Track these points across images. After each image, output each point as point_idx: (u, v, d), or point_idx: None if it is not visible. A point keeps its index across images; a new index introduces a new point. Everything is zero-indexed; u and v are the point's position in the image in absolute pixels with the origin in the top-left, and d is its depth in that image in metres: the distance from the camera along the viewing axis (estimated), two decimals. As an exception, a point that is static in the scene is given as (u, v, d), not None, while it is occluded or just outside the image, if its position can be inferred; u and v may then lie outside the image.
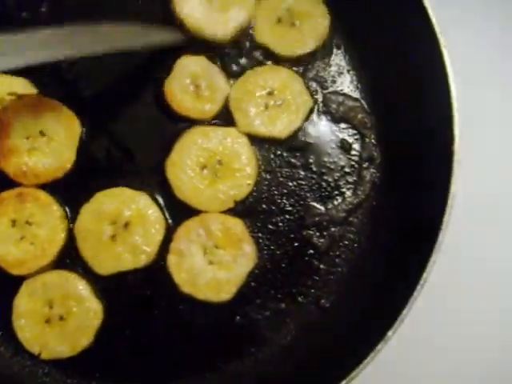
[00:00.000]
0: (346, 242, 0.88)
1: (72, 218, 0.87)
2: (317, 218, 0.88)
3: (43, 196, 0.86)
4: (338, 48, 0.92)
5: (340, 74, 0.91)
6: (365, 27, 0.90)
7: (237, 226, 0.86)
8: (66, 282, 0.86)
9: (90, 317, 0.85)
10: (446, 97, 0.77)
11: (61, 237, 0.86)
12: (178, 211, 0.87)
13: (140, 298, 0.86)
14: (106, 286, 0.86)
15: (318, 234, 0.88)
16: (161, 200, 0.88)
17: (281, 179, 0.89)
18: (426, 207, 0.80)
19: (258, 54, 0.91)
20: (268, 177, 0.89)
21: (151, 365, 0.86)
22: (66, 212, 0.87)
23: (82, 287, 0.86)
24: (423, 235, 0.77)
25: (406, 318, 0.73)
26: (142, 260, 0.85)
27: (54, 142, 0.87)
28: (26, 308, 0.85)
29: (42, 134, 0.87)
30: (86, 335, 0.85)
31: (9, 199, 0.86)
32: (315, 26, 0.91)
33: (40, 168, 0.86)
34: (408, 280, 0.75)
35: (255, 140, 0.89)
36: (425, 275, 0.73)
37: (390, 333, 0.72)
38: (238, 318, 0.87)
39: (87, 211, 0.86)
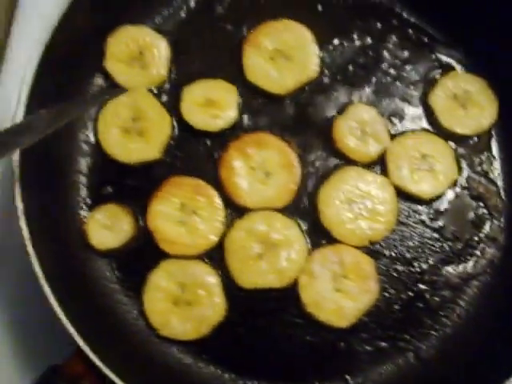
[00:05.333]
0: (456, 308, 0.97)
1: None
2: (434, 277, 0.97)
3: (216, 198, 0.94)
4: (492, 136, 1.02)
5: (488, 158, 1.01)
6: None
7: (368, 263, 0.94)
8: (202, 274, 0.93)
9: (214, 311, 0.92)
10: None
11: (214, 240, 0.93)
12: (317, 237, 0.96)
13: (264, 307, 0.94)
14: (237, 289, 0.93)
15: (432, 291, 0.97)
16: (304, 225, 0.96)
17: (413, 234, 0.98)
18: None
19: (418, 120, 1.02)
20: (402, 228, 0.98)
21: (256, 366, 0.95)
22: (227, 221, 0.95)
23: (215, 282, 0.93)
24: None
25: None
26: (284, 282, 0.92)
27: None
28: (159, 284, 0.92)
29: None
30: (204, 326, 0.92)
31: (187, 185, 0.94)
32: (480, 118, 0.99)
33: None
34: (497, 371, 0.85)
35: (400, 193, 0.98)
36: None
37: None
38: (342, 344, 0.95)
39: (240, 227, 0.94)
